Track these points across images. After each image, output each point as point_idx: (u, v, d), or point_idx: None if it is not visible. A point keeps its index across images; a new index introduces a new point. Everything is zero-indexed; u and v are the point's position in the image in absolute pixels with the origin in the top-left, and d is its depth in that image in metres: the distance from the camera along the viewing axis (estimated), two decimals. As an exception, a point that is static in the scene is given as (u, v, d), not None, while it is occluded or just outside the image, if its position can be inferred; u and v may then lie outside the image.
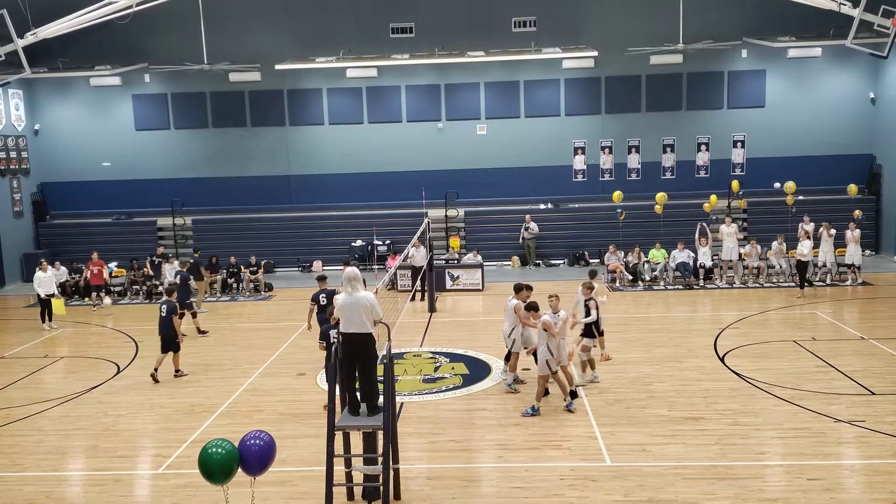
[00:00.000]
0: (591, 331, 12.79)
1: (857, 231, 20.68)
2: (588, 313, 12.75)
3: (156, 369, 14.16)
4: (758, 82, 25.66)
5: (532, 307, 12.08)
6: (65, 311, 19.65)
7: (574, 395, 11.85)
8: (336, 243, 25.53)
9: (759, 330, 16.21)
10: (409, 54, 24.83)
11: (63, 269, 22.60)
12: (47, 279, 19.09)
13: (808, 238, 19.89)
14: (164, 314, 14.34)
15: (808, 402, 11.63)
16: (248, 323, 18.92)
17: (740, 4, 24.85)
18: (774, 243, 21.35)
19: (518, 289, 12.85)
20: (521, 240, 25.07)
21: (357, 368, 8.74)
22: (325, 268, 25.26)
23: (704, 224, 21.71)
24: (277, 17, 25.65)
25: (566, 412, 11.59)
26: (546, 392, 11.97)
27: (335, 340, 11.17)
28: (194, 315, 17.90)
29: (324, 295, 14.25)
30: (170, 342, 14.28)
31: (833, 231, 20.77)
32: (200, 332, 17.62)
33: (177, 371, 14.46)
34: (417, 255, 20.35)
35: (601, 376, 13.14)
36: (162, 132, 26.86)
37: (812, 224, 21.06)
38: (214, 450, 6.70)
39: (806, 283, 19.93)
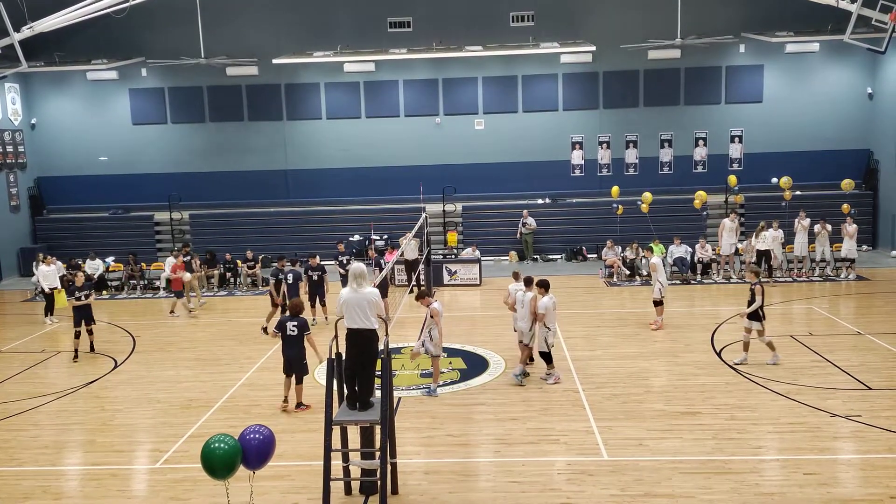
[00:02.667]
0: (758, 314, 13.20)
1: (854, 226, 20.73)
2: (754, 298, 13.23)
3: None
4: (755, 77, 25.66)
5: (422, 295, 12.77)
6: (67, 303, 19.76)
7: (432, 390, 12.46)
8: (333, 238, 25.40)
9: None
10: (406, 49, 24.80)
11: (59, 263, 22.54)
12: (51, 273, 19.11)
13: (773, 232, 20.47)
14: (290, 281, 16.47)
15: (805, 397, 11.65)
16: (246, 318, 18.89)
17: (738, -1, 24.87)
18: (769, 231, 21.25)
19: (528, 282, 13.07)
20: (518, 235, 25.08)
21: (357, 364, 8.73)
22: (322, 262, 25.21)
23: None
24: (275, 10, 25.60)
25: (568, 405, 11.63)
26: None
27: (292, 333, 11.59)
28: (90, 332, 15.79)
29: (291, 274, 16.66)
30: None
31: (829, 227, 20.86)
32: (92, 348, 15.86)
33: (265, 328, 16.31)
34: (408, 248, 20.29)
35: (603, 367, 13.16)
36: (159, 126, 26.81)
37: (808, 220, 21.10)
38: (217, 445, 6.69)
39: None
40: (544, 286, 12.72)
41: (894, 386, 12.11)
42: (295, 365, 11.83)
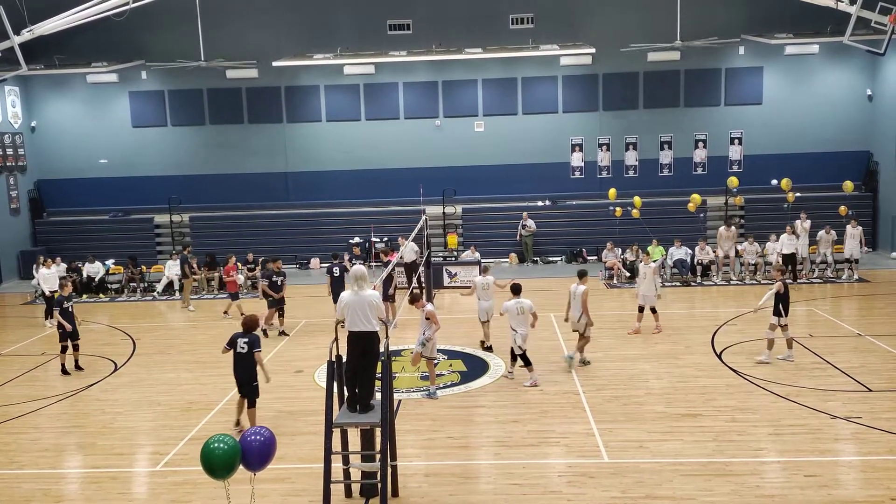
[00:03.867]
0: (779, 310, 13.38)
1: (859, 228, 20.84)
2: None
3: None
4: (755, 79, 25.68)
5: (415, 298, 12.77)
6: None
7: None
8: (334, 240, 25.52)
9: (756, 326, 16.16)
10: (406, 51, 24.82)
11: (63, 265, 22.58)
12: (51, 276, 19.04)
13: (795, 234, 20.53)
14: (337, 274, 17.27)
15: (805, 399, 11.65)
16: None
17: (738, 1, 24.87)
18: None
19: (582, 275, 13.86)
20: (518, 237, 25.08)
21: (358, 366, 8.73)
22: (322, 264, 25.28)
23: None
24: (275, 13, 25.62)
25: (575, 408, 11.62)
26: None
27: (242, 350, 10.80)
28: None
29: (337, 268, 17.27)
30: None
31: (834, 233, 21.01)
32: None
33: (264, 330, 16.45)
34: (405, 251, 20.29)
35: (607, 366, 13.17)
36: (159, 129, 26.83)
37: (809, 221, 21.09)
38: (217, 445, 6.71)
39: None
40: (514, 290, 13.12)
41: (895, 387, 12.11)
42: (245, 387, 10.92)
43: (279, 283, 17.02)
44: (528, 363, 12.86)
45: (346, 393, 8.86)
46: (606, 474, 9.38)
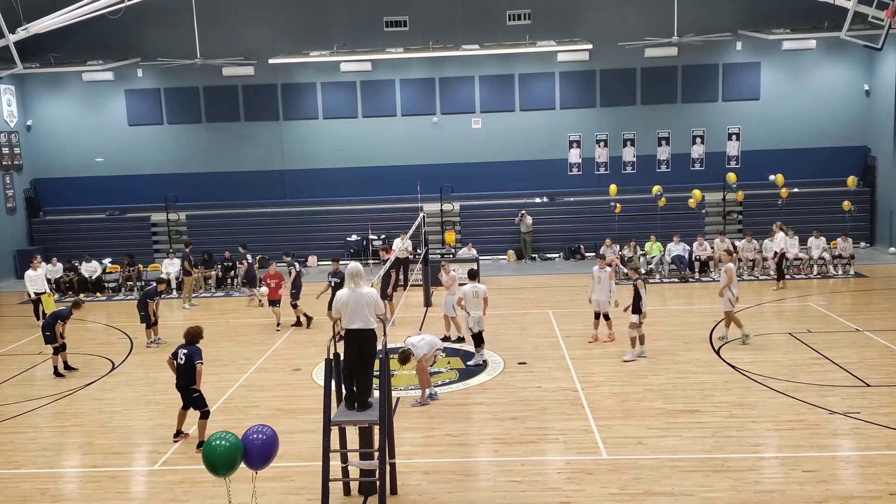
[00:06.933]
0: (639, 308, 13.79)
1: (849, 241, 21.22)
2: (637, 294, 13.88)
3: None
4: (753, 75, 25.65)
5: (406, 358, 11.68)
6: (55, 306, 19.64)
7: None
8: (331, 238, 25.50)
9: (754, 322, 16.21)
10: (403, 48, 24.76)
11: (59, 265, 22.55)
12: (38, 277, 18.97)
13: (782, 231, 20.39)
14: (298, 269, 18.20)
15: (804, 395, 11.65)
16: (243, 318, 18.87)
17: (734, -3, 24.85)
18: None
19: (472, 275, 14.64)
20: (517, 219, 24.87)
21: (356, 364, 8.70)
22: (320, 263, 25.28)
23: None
24: (271, 10, 25.55)
25: (569, 407, 11.63)
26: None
27: (180, 361, 10.47)
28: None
29: (297, 263, 18.07)
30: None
31: (823, 239, 21.07)
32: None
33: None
34: (399, 247, 20.20)
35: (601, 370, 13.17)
36: (155, 127, 26.74)
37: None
38: (218, 442, 6.71)
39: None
40: (470, 275, 14.54)
41: (893, 382, 12.12)
42: (186, 397, 10.68)
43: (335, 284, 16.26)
44: (479, 343, 13.94)
45: (343, 391, 8.84)
46: (605, 471, 9.37)
